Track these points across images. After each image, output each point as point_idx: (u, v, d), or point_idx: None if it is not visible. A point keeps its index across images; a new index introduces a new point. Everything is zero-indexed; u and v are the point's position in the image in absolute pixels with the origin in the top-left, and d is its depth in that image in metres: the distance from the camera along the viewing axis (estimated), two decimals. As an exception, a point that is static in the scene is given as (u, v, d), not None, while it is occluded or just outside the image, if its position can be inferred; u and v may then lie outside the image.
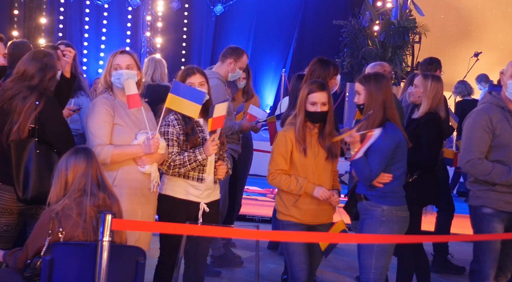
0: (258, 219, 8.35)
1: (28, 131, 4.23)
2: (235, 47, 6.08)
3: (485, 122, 4.61)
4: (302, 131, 4.52)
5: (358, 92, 4.53)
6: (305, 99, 4.51)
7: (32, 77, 4.30)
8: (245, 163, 6.71)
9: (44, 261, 3.47)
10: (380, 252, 4.41)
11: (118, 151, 4.24)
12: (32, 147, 4.22)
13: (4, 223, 4.32)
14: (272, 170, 4.58)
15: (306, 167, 4.53)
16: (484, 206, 4.68)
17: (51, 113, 4.32)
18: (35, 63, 4.34)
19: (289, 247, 4.55)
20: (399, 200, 4.51)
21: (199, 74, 4.54)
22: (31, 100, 4.22)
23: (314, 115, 4.51)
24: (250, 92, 6.87)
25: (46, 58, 4.40)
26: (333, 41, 15.11)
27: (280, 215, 4.67)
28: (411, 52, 14.04)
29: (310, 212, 4.57)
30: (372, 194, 4.46)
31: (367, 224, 4.49)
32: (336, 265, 6.78)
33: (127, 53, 4.48)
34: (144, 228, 4.15)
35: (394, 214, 4.44)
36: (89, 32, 16.19)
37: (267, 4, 16.65)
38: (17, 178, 4.18)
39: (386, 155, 4.37)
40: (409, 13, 13.89)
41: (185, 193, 4.46)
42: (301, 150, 4.51)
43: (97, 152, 4.11)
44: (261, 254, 6.73)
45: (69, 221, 3.56)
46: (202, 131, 4.51)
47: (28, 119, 4.21)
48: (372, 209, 4.46)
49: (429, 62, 6.85)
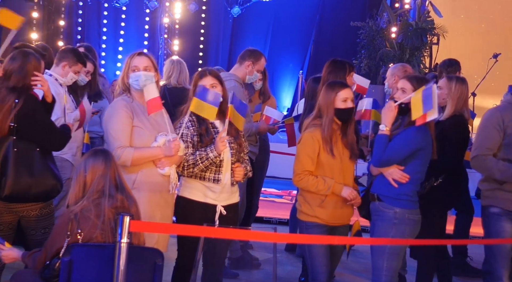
0: (276, 221, 8.34)
1: (7, 130, 4.24)
2: (254, 49, 6.08)
3: (496, 119, 4.64)
4: (330, 130, 4.50)
5: (403, 89, 4.50)
6: (334, 98, 4.50)
7: (10, 77, 4.32)
8: (262, 165, 6.70)
9: (63, 262, 3.48)
10: (392, 254, 4.40)
11: (139, 153, 4.25)
12: (9, 145, 4.24)
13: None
14: (298, 171, 4.56)
15: (333, 168, 4.52)
16: (492, 206, 4.69)
17: (31, 110, 4.32)
18: (13, 63, 4.36)
19: (312, 249, 4.54)
20: (412, 203, 4.47)
21: (210, 76, 4.54)
22: (9, 100, 4.24)
23: (346, 112, 4.51)
24: (267, 94, 6.88)
25: (24, 57, 4.39)
26: (351, 42, 15.06)
27: (303, 215, 4.64)
28: (429, 53, 13.97)
29: (334, 213, 4.56)
30: (386, 195, 4.44)
31: (378, 226, 4.48)
32: (354, 267, 6.75)
33: (144, 55, 4.49)
34: (162, 230, 4.15)
35: (407, 217, 4.41)
36: (107, 34, 16.27)
37: (285, 5, 16.62)
38: None
39: (405, 151, 4.35)
40: (427, 15, 13.82)
41: (202, 195, 4.47)
42: (328, 151, 4.50)
43: (117, 155, 4.13)
44: (279, 256, 6.73)
45: (87, 222, 3.57)
46: (217, 132, 4.51)
47: (7, 118, 4.22)
48: (384, 210, 4.44)
49: (448, 64, 6.81)
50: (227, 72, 6.00)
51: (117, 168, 3.79)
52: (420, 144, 4.39)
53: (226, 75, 5.86)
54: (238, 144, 4.54)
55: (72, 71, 5.35)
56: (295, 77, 16.03)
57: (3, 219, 4.41)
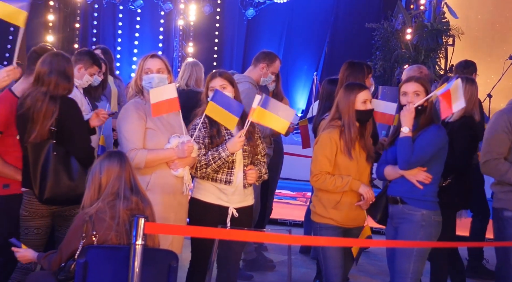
0: (290, 223, 8.33)
1: (47, 133, 4.26)
2: (268, 51, 6.08)
3: (503, 122, 4.59)
4: (350, 131, 4.48)
5: (417, 92, 4.47)
6: (355, 99, 4.48)
7: (43, 81, 4.32)
8: (276, 167, 6.69)
9: (78, 264, 3.50)
10: (419, 256, 4.37)
11: (152, 155, 4.26)
12: (49, 148, 4.25)
13: (35, 226, 4.37)
14: (316, 171, 4.55)
15: (349, 169, 4.51)
16: (505, 209, 4.63)
17: (70, 114, 4.35)
18: (43, 67, 4.36)
19: (326, 251, 4.53)
20: (435, 204, 4.47)
21: (219, 77, 4.55)
22: (46, 106, 4.24)
23: (366, 113, 4.50)
24: (280, 95, 6.86)
25: (55, 59, 4.39)
26: (365, 44, 15.02)
27: (317, 217, 4.63)
28: (445, 54, 13.89)
29: (349, 215, 4.54)
30: (411, 197, 4.41)
31: (404, 229, 4.43)
32: (369, 269, 6.73)
33: (157, 57, 4.50)
34: (176, 232, 4.16)
35: (433, 218, 4.40)
36: (122, 36, 16.34)
37: (299, 7, 16.61)
38: (34, 179, 4.23)
39: (432, 150, 4.35)
40: (443, 16, 13.76)
41: (214, 197, 4.47)
42: (346, 152, 4.48)
43: (131, 157, 4.14)
44: (293, 258, 6.72)
45: (102, 224, 3.58)
46: (230, 133, 4.51)
47: (48, 123, 4.24)
48: (411, 213, 4.41)
49: (464, 66, 6.77)
50: (242, 74, 6.00)
51: (132, 170, 3.81)
52: (442, 143, 4.39)
53: (240, 77, 5.86)
54: (251, 146, 4.54)
55: (88, 73, 5.37)
56: (309, 78, 16.02)
57: (46, 223, 4.43)
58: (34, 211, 4.34)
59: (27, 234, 4.37)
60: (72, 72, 4.50)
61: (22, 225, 4.38)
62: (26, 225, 4.38)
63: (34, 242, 4.34)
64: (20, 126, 4.29)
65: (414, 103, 4.39)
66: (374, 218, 4.75)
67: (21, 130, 4.30)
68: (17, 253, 3.99)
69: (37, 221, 4.37)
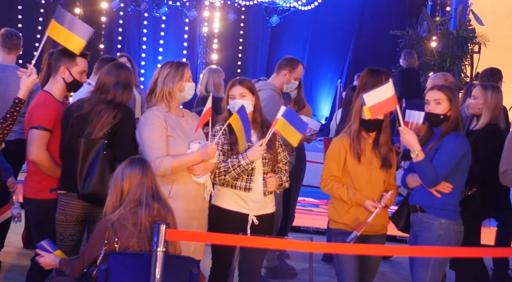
0: (313, 231, 8.30)
1: (102, 134, 4.32)
2: (290, 58, 6.07)
3: None
4: (357, 138, 4.47)
5: (438, 101, 4.44)
6: (361, 109, 4.45)
7: (108, 91, 4.39)
8: (298, 174, 6.67)
9: (100, 270, 3.51)
10: (436, 265, 4.33)
11: (178, 161, 4.26)
12: (100, 147, 4.29)
13: (69, 233, 4.41)
14: (324, 176, 4.55)
15: (359, 175, 4.46)
16: None
17: (126, 124, 4.40)
18: (110, 77, 4.42)
19: (340, 256, 4.50)
20: (456, 214, 4.41)
21: (239, 85, 4.55)
22: (106, 113, 4.31)
23: (370, 124, 4.45)
24: (302, 102, 6.85)
25: (121, 71, 4.47)
26: (390, 51, 14.95)
27: (332, 223, 4.61)
28: (470, 62, 13.79)
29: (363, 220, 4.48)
30: (430, 206, 4.37)
31: (423, 237, 4.40)
32: (393, 278, 6.68)
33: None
34: (197, 239, 4.17)
35: (452, 228, 4.35)
36: (146, 44, 16.43)
37: (323, 14, 16.59)
38: (80, 174, 4.26)
39: (453, 160, 4.30)
40: (469, 23, 13.67)
41: (234, 204, 4.48)
42: (355, 157, 4.45)
43: (157, 165, 4.15)
44: (316, 266, 6.69)
45: (124, 231, 3.59)
46: (249, 141, 4.50)
47: (105, 128, 4.31)
48: (429, 221, 4.37)
49: (490, 73, 6.71)
50: (265, 81, 5.99)
51: (154, 177, 3.81)
52: (463, 152, 4.34)
53: (263, 84, 5.86)
54: (271, 154, 4.53)
55: None
56: (333, 86, 15.98)
57: (80, 228, 4.46)
58: (70, 213, 4.36)
59: (63, 240, 4.41)
60: (133, 83, 4.56)
61: (58, 231, 4.42)
62: (61, 231, 4.41)
63: (68, 248, 4.38)
64: (75, 126, 4.33)
65: (407, 125, 4.35)
66: (396, 226, 4.72)
67: (75, 130, 4.33)
68: (39, 258, 4.02)
69: (72, 228, 4.40)
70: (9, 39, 5.92)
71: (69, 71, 4.54)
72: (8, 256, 5.88)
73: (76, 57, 4.57)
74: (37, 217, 4.54)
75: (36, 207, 4.52)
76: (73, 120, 4.33)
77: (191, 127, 4.42)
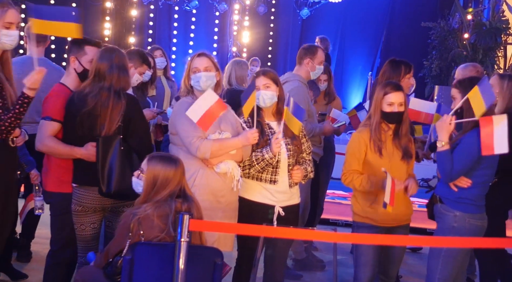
0: (342, 223, 8.25)
1: (115, 129, 4.31)
2: (308, 45, 6.00)
3: None
4: (378, 131, 4.45)
5: (453, 97, 4.39)
6: (381, 100, 4.44)
7: (104, 77, 4.32)
8: (327, 166, 6.65)
9: (125, 260, 3.53)
10: (447, 257, 4.28)
11: (218, 143, 4.26)
12: (117, 143, 4.28)
13: (90, 221, 4.43)
14: (344, 170, 4.56)
15: (380, 167, 4.43)
16: None
17: (136, 114, 4.39)
18: (103, 62, 4.34)
19: (359, 248, 4.50)
20: (474, 207, 4.31)
21: (263, 76, 4.54)
22: (112, 102, 4.28)
23: (391, 116, 4.43)
24: (332, 95, 6.82)
25: (113, 54, 4.38)
26: (422, 43, 14.83)
27: (355, 217, 4.60)
28: (503, 54, 13.59)
29: (388, 214, 4.44)
30: (447, 198, 4.33)
31: (438, 228, 4.39)
32: (421, 271, 6.61)
33: (204, 56, 4.52)
34: (221, 229, 4.15)
35: (467, 221, 4.26)
36: (177, 37, 16.51)
37: (354, 7, 16.50)
38: (102, 173, 4.24)
39: (471, 158, 4.22)
40: (502, 14, 13.46)
41: (260, 196, 4.48)
42: (376, 150, 4.45)
43: (195, 147, 4.18)
44: (344, 258, 6.66)
45: (149, 224, 3.61)
46: (273, 133, 4.49)
47: (116, 119, 4.28)
48: (445, 213, 4.34)
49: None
50: (292, 72, 5.96)
51: (183, 176, 3.82)
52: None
53: (290, 76, 5.83)
54: (295, 145, 4.52)
55: (138, 72, 5.44)
56: (364, 78, 15.91)
57: (99, 218, 4.46)
58: (88, 205, 4.38)
59: (84, 230, 4.43)
60: (128, 66, 4.55)
61: (77, 221, 4.43)
62: (81, 221, 4.43)
63: (91, 237, 4.42)
64: (85, 123, 4.30)
65: (450, 114, 4.27)
66: (428, 215, 4.69)
67: (86, 127, 4.31)
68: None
69: (90, 216, 4.42)
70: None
71: (78, 60, 4.49)
72: (39, 247, 5.96)
73: (85, 46, 4.49)
74: (59, 211, 4.55)
75: (58, 201, 4.54)
76: (81, 117, 4.27)
77: (221, 117, 4.39)
